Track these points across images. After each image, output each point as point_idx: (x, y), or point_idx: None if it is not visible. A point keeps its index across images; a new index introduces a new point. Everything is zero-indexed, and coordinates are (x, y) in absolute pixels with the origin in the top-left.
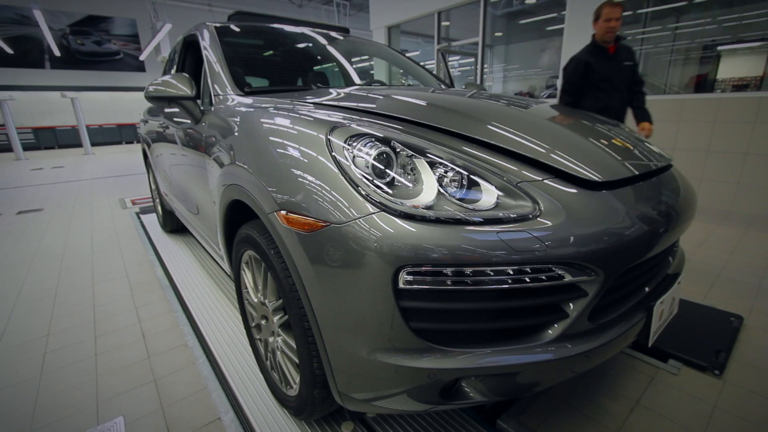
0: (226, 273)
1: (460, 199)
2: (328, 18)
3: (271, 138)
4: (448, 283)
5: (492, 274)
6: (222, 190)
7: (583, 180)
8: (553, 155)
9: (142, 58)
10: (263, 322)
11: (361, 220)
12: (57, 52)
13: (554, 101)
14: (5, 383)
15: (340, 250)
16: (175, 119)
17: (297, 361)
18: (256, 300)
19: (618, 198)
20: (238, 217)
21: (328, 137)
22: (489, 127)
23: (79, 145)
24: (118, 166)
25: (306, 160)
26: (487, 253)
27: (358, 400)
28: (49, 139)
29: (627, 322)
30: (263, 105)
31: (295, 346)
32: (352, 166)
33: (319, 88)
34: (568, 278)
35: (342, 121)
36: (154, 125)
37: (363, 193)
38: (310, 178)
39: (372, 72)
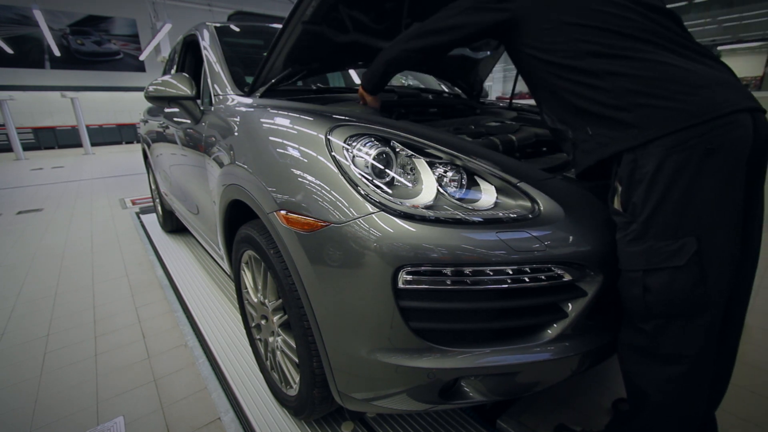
0: (226, 273)
1: (459, 199)
2: None
3: (270, 138)
4: (448, 282)
5: (491, 273)
6: (222, 190)
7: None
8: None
9: (142, 58)
10: (263, 322)
11: (360, 219)
12: (57, 52)
13: None
14: (5, 383)
15: (339, 250)
16: (175, 119)
17: (297, 360)
18: (256, 300)
19: None
20: (238, 217)
21: (328, 137)
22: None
23: (79, 145)
24: (118, 166)
25: (305, 160)
26: (487, 253)
27: (357, 400)
28: (49, 139)
29: None
30: (263, 104)
31: (294, 346)
32: (352, 166)
33: (319, 88)
34: (567, 278)
35: (342, 120)
36: (154, 125)
37: (362, 192)
38: (309, 177)
39: None
